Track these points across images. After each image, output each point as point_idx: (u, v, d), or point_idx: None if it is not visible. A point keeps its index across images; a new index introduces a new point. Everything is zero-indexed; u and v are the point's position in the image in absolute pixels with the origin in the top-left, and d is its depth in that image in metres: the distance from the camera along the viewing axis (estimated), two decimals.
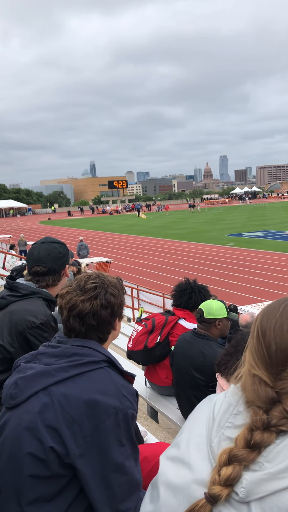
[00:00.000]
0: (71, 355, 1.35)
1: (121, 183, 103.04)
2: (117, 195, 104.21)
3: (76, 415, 1.24)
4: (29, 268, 2.24)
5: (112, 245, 30.43)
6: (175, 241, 29.95)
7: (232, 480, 0.79)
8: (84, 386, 1.29)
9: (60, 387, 1.29)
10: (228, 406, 0.90)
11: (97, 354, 1.38)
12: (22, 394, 1.32)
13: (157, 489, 0.92)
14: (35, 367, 1.36)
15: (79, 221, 59.39)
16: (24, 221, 65.55)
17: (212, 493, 0.79)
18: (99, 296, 1.46)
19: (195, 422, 0.96)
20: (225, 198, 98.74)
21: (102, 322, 1.45)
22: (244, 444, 0.81)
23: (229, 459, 0.81)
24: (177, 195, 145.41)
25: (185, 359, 3.02)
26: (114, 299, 1.50)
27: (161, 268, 20.32)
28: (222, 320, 3.02)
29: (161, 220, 51.85)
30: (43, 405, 1.27)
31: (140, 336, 3.52)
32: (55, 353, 1.38)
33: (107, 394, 1.28)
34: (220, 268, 19.47)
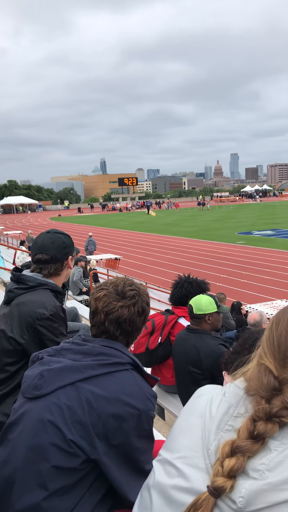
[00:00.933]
0: (98, 354, 1.39)
1: (131, 180, 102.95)
2: (127, 192, 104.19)
3: (102, 414, 1.27)
4: (33, 256, 2.24)
5: (122, 242, 30.45)
6: (185, 239, 29.87)
7: (235, 471, 0.76)
8: (111, 386, 1.33)
9: (88, 384, 1.32)
10: (228, 407, 0.86)
11: (123, 356, 1.42)
12: (48, 386, 1.33)
13: (150, 494, 0.88)
14: (63, 361, 1.38)
15: (89, 218, 59.51)
16: (35, 218, 65.87)
17: (215, 485, 0.76)
18: (137, 304, 1.51)
19: (187, 421, 0.92)
20: (235, 196, 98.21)
21: (136, 328, 1.52)
22: (247, 435, 0.79)
23: (232, 451, 0.78)
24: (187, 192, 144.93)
25: (182, 356, 3.07)
26: (148, 308, 1.57)
27: (170, 265, 20.29)
28: (212, 315, 3.04)
29: (170, 217, 51.73)
30: (71, 399, 1.30)
31: (141, 339, 3.50)
32: (82, 350, 1.41)
33: (132, 396, 1.33)
34: (229, 266, 19.38)
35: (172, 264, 20.59)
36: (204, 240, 28.46)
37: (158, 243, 28.76)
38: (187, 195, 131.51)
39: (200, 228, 35.89)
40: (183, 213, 58.86)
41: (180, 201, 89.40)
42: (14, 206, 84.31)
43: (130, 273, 17.12)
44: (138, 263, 21.50)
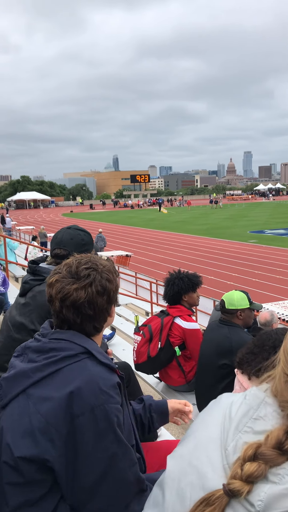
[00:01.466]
0: (48, 350, 1.26)
1: (143, 177, 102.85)
2: (139, 189, 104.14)
3: (50, 418, 1.15)
4: (51, 250, 2.29)
5: (133, 239, 30.46)
6: (196, 237, 29.76)
7: (254, 478, 0.73)
8: (58, 384, 1.19)
9: (37, 388, 1.21)
10: (248, 409, 0.83)
11: (73, 346, 1.26)
12: (6, 396, 1.25)
13: (163, 491, 0.87)
14: (16, 366, 1.28)
15: (101, 214, 59.67)
16: (47, 213, 66.27)
17: (231, 488, 0.74)
18: (94, 283, 1.33)
19: (206, 422, 0.89)
20: (248, 194, 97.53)
21: (99, 310, 1.35)
22: (275, 444, 0.75)
23: (255, 455, 0.75)
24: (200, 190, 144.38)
25: (211, 346, 3.02)
26: (110, 285, 1.38)
27: (181, 263, 20.23)
28: (244, 311, 3.02)
29: (182, 215, 51.59)
30: (21, 409, 1.20)
31: (141, 348, 3.47)
32: (37, 348, 1.29)
33: (81, 389, 1.17)
34: (240, 265, 19.26)
35: (183, 262, 20.53)
36: (216, 238, 28.33)
37: (170, 240, 28.70)
38: (199, 192, 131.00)
39: (212, 226, 35.72)
40: (195, 210, 58.65)
41: (192, 199, 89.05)
42: (26, 202, 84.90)
43: (140, 270, 17.12)
44: (149, 260, 21.48)
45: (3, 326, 2.16)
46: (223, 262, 20.14)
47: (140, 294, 13.05)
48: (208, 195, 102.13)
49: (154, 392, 4.00)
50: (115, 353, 4.50)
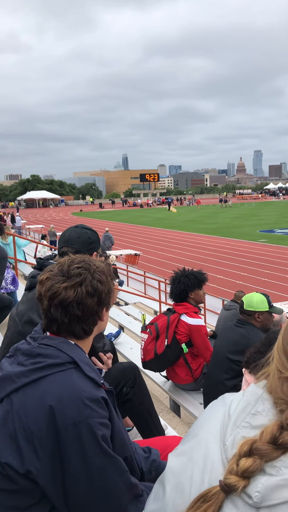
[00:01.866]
0: (36, 355, 1.23)
1: (152, 176, 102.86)
2: (149, 188, 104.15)
3: (33, 427, 1.13)
4: (59, 248, 2.33)
5: (142, 238, 30.46)
6: (205, 236, 29.67)
7: (250, 473, 0.74)
8: (41, 393, 1.16)
9: (20, 394, 1.18)
10: (246, 405, 0.85)
11: (60, 355, 1.22)
12: None
13: (163, 487, 0.88)
14: (4, 369, 1.26)
15: (110, 213, 59.77)
16: (57, 212, 66.57)
17: (227, 483, 0.75)
18: (84, 282, 1.30)
19: (207, 419, 0.91)
20: (258, 193, 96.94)
21: (88, 312, 1.31)
22: (269, 439, 0.76)
23: (251, 451, 0.76)
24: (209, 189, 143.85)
25: (227, 344, 3.02)
26: (102, 286, 1.34)
27: (190, 262, 20.17)
28: (263, 313, 3.00)
29: (191, 214, 51.46)
30: (4, 414, 1.17)
31: (148, 345, 3.48)
32: (26, 351, 1.26)
33: (63, 402, 1.13)
34: (250, 264, 19.15)
35: (192, 261, 20.47)
36: (225, 238, 28.21)
37: (179, 239, 28.65)
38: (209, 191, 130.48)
39: (222, 226, 35.58)
40: (204, 210, 58.47)
41: (201, 198, 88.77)
42: (36, 201, 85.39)
43: (149, 269, 17.11)
44: (157, 259, 21.47)
45: (10, 322, 2.16)
46: (233, 261, 20.04)
47: (148, 293, 13.04)
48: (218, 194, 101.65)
49: (161, 391, 4.00)
50: (123, 352, 4.50)
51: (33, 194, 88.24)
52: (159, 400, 3.97)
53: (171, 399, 3.80)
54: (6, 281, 5.49)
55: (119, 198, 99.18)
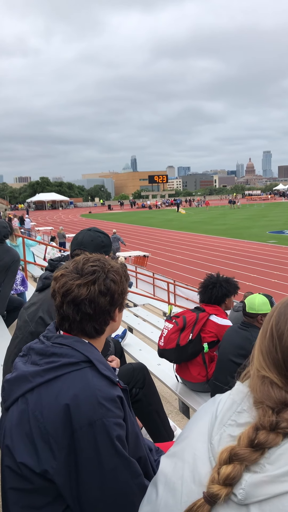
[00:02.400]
0: (50, 354, 1.24)
1: (161, 178, 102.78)
2: (157, 189, 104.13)
3: (49, 427, 1.13)
4: (72, 251, 2.35)
5: (151, 239, 30.46)
6: (214, 237, 29.57)
7: (231, 479, 0.75)
8: (56, 392, 1.16)
9: (35, 394, 1.19)
10: (232, 404, 0.86)
11: (75, 353, 1.23)
12: (8, 399, 1.25)
13: (156, 488, 0.89)
14: (18, 369, 1.27)
15: (119, 215, 59.87)
16: (66, 214, 66.86)
17: (210, 492, 0.75)
18: (97, 281, 1.31)
19: (197, 420, 0.92)
20: (267, 194, 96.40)
21: (100, 311, 1.31)
22: (247, 443, 0.77)
23: (230, 458, 0.77)
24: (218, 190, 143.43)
25: (231, 347, 3.03)
26: (115, 286, 1.34)
27: (199, 263, 20.12)
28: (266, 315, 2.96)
29: (200, 215, 51.35)
30: (20, 414, 1.19)
31: (172, 334, 3.50)
32: (40, 350, 1.27)
33: (79, 401, 1.14)
34: (260, 265, 19.04)
35: (201, 262, 20.42)
36: (234, 239, 28.08)
37: (187, 241, 28.60)
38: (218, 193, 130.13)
39: (231, 227, 35.44)
40: (213, 211, 58.30)
41: (210, 199, 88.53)
42: (45, 203, 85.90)
43: (158, 271, 17.11)
44: (166, 260, 21.44)
45: (20, 323, 2.17)
46: (242, 262, 19.94)
47: (157, 295, 13.02)
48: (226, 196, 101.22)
49: (171, 393, 3.99)
50: (131, 354, 4.49)
51: (42, 196, 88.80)
52: (168, 401, 3.96)
53: (180, 400, 3.78)
54: (16, 282, 5.52)
55: (128, 199, 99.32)
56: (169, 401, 3.99)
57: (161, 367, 4.15)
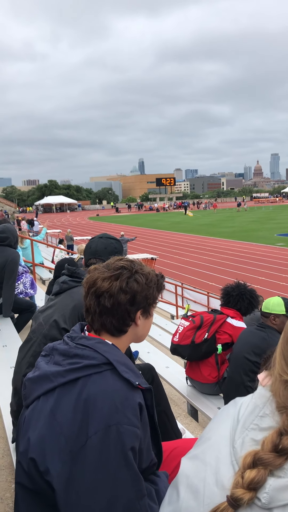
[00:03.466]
0: (73, 356, 1.25)
1: (168, 181, 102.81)
2: (165, 192, 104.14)
3: (65, 427, 1.13)
4: (86, 260, 2.37)
5: (158, 242, 30.46)
6: (222, 240, 29.50)
7: (256, 484, 0.75)
8: (76, 394, 1.16)
9: (56, 394, 1.20)
10: (254, 408, 0.86)
11: (96, 356, 1.23)
12: (29, 396, 1.27)
13: (177, 490, 0.89)
14: (41, 368, 1.29)
15: (126, 218, 59.95)
16: (74, 217, 67.11)
17: (234, 496, 0.76)
18: (120, 277, 1.33)
19: (219, 423, 0.92)
20: (275, 197, 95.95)
21: (118, 307, 1.32)
22: (271, 448, 0.77)
23: (254, 462, 0.77)
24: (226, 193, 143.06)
25: (247, 346, 3.05)
26: (137, 287, 1.35)
27: (207, 266, 20.09)
28: (279, 317, 3.01)
29: (208, 218, 51.25)
30: (39, 412, 1.20)
31: (187, 331, 3.54)
32: (63, 351, 1.28)
33: (96, 405, 1.13)
34: (267, 268, 18.95)
35: (209, 265, 20.38)
36: (242, 241, 27.98)
37: (195, 243, 28.55)
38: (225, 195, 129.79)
39: (238, 229, 35.32)
40: (221, 213, 58.16)
41: (218, 202, 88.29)
42: (54, 206, 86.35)
43: (166, 273, 17.06)
44: (174, 263, 21.43)
45: (35, 325, 2.19)
46: (250, 265, 19.86)
47: (165, 298, 13.02)
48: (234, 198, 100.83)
49: (179, 396, 3.99)
50: (140, 356, 4.50)
51: (50, 199, 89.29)
52: (176, 404, 3.96)
53: (189, 403, 3.78)
54: (25, 285, 5.55)
55: (136, 202, 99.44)
56: (178, 404, 3.99)
57: (170, 369, 4.16)
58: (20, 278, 5.43)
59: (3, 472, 2.39)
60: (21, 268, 5.54)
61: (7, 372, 3.16)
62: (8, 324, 4.43)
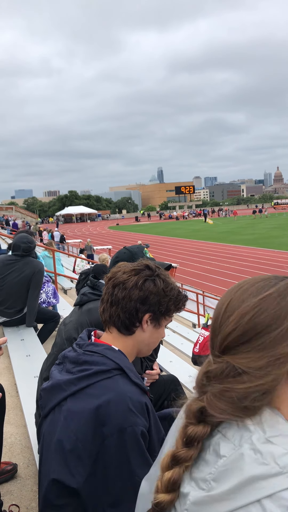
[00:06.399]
0: (82, 362, 1.26)
1: (188, 189, 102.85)
2: (184, 200, 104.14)
3: (80, 433, 1.14)
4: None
5: (178, 250, 30.39)
6: (243, 247, 29.21)
7: (173, 484, 0.72)
8: (88, 400, 1.18)
9: (69, 402, 1.21)
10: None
11: (106, 361, 1.25)
12: (45, 407, 1.29)
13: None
14: (53, 377, 1.30)
15: (146, 227, 60.09)
16: (94, 227, 67.69)
17: (155, 503, 0.73)
18: (140, 274, 1.36)
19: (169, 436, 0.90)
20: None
21: (128, 301, 1.32)
22: (181, 443, 0.75)
23: (171, 462, 0.75)
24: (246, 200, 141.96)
25: None
26: (153, 288, 1.35)
27: (228, 274, 19.90)
28: None
29: (228, 225, 50.90)
30: (54, 423, 1.22)
31: (208, 341, 3.48)
32: (72, 358, 1.30)
33: (110, 409, 1.15)
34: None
35: (230, 272, 20.19)
36: (263, 248, 27.65)
37: (216, 251, 28.36)
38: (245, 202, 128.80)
39: (260, 236, 34.93)
40: (241, 220, 57.68)
41: (238, 209, 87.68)
42: (74, 216, 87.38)
43: (186, 282, 17.02)
44: (194, 271, 21.32)
45: (58, 339, 2.21)
46: (272, 272, 19.47)
47: (186, 306, 12.93)
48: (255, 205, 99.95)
49: None
50: (162, 365, 4.47)
51: (71, 209, 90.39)
52: None
53: None
54: (48, 294, 5.61)
55: (155, 211, 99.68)
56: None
57: (193, 378, 4.12)
58: (43, 287, 5.49)
59: (28, 482, 2.40)
60: (44, 278, 5.61)
61: (31, 381, 3.19)
62: (31, 334, 4.48)
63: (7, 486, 2.35)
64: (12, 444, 2.75)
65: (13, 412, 3.11)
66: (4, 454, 2.49)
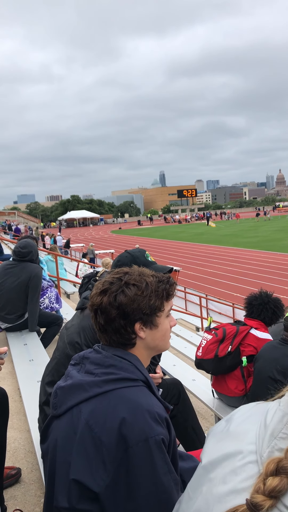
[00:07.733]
0: (109, 365, 1.24)
1: (190, 192, 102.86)
2: (186, 204, 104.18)
3: (104, 438, 1.12)
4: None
5: (181, 253, 30.37)
6: (246, 250, 29.17)
7: (277, 492, 0.72)
8: (114, 405, 1.16)
9: (91, 404, 1.18)
10: (283, 416, 0.83)
11: (135, 371, 1.24)
12: (61, 406, 1.25)
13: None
14: (73, 377, 1.26)
15: (149, 230, 60.13)
16: (96, 231, 67.79)
17: (254, 502, 0.73)
18: (108, 291, 1.30)
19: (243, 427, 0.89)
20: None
21: (111, 323, 1.28)
22: None
23: (277, 470, 0.74)
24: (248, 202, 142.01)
25: (268, 363, 2.96)
26: (126, 300, 1.28)
27: (231, 277, 19.87)
28: None
29: (231, 228, 50.87)
30: (74, 424, 1.18)
31: (210, 345, 3.48)
32: (96, 360, 1.27)
33: (137, 416, 1.13)
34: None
35: (233, 275, 20.15)
36: (266, 251, 27.60)
37: (219, 254, 28.33)
38: (248, 205, 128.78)
39: (263, 239, 34.88)
40: (244, 223, 57.63)
41: (241, 212, 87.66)
42: (77, 220, 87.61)
43: (190, 285, 17.00)
44: (197, 274, 21.29)
45: (60, 343, 2.21)
46: (275, 275, 19.54)
47: (189, 309, 12.93)
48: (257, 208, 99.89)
49: (206, 409, 3.93)
50: (165, 369, 4.47)
51: (73, 214, 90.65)
52: (204, 417, 3.91)
53: (216, 416, 3.72)
54: (51, 299, 5.62)
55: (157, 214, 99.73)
56: (205, 417, 3.94)
57: (196, 382, 4.11)
58: (46, 292, 5.50)
59: (32, 487, 2.39)
60: (46, 282, 5.61)
61: (34, 386, 3.19)
62: (34, 339, 4.48)
63: (11, 491, 2.34)
64: (15, 449, 2.75)
65: (16, 417, 3.11)
66: (8, 459, 2.49)
